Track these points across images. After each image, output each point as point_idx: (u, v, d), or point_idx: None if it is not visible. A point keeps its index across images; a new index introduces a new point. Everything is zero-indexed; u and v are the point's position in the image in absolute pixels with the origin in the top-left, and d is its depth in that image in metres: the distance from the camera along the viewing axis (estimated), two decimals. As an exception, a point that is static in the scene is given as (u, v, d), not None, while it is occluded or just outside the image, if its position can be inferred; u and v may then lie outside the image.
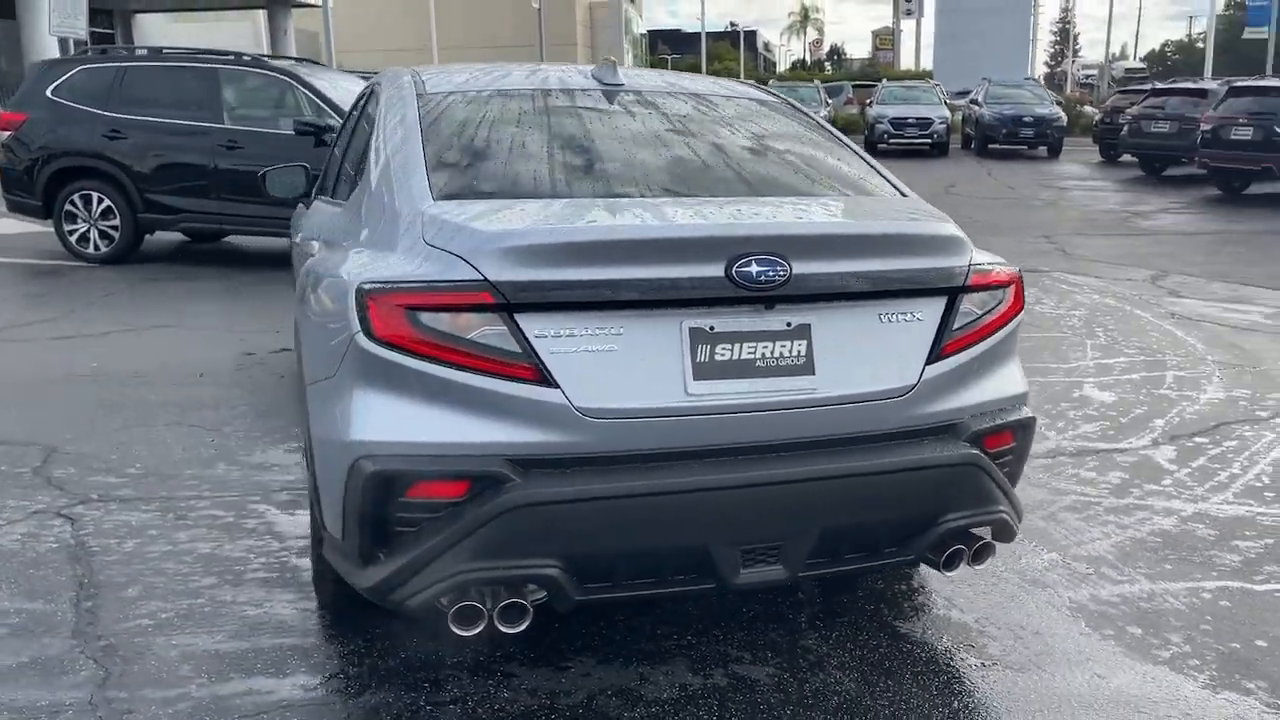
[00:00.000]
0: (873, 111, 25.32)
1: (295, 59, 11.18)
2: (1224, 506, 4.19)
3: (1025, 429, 2.96)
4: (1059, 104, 25.84)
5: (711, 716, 2.75)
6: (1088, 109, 30.62)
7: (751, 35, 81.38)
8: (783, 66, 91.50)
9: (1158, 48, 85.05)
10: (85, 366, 6.29)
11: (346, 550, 2.68)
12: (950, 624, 3.25)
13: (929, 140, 24.36)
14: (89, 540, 3.83)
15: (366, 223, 3.03)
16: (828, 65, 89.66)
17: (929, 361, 2.76)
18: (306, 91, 9.77)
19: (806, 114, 3.77)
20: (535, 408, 2.49)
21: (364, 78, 12.90)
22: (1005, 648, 3.11)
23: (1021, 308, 2.97)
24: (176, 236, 10.97)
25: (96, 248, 10.02)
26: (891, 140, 24.45)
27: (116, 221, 9.98)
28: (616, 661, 3.01)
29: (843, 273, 2.64)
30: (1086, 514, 4.10)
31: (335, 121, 9.54)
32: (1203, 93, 18.28)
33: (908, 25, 57.94)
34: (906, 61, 60.64)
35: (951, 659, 3.05)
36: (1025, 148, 24.24)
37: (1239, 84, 16.89)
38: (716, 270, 2.53)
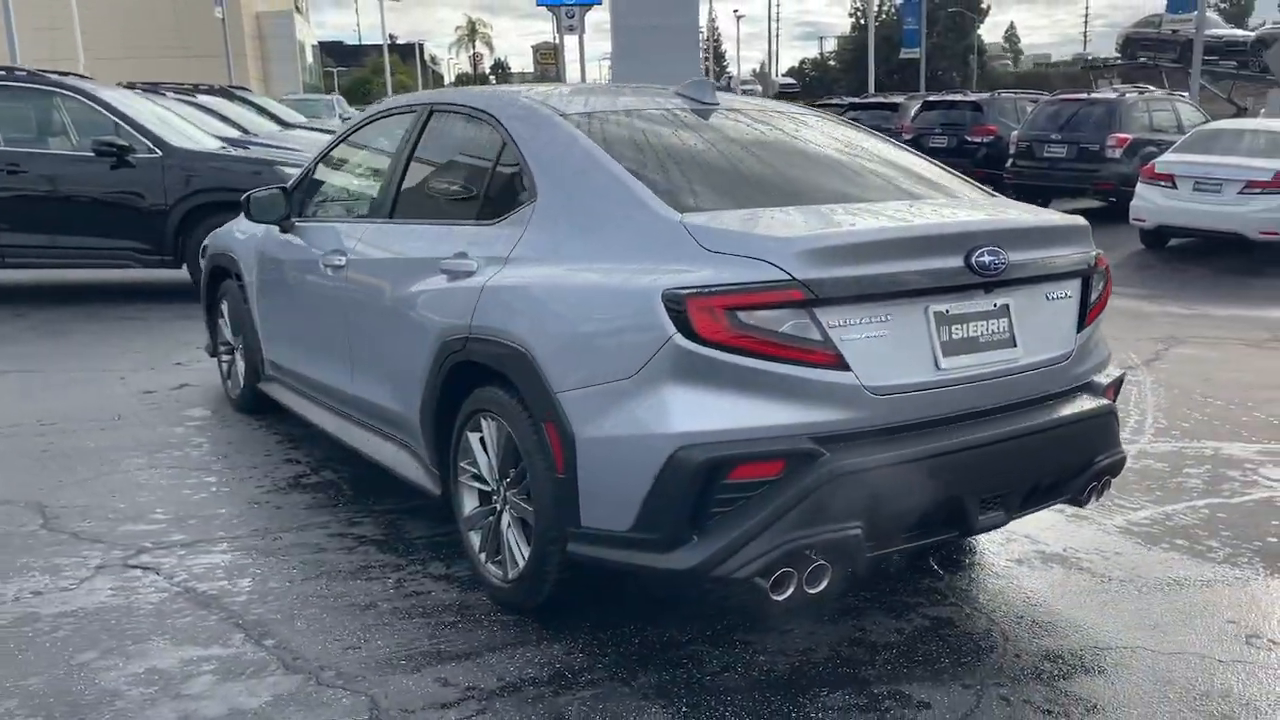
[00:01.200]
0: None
1: (62, 73, 10.22)
2: (1154, 445, 5.13)
3: (1122, 382, 3.62)
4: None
5: (946, 648, 3.19)
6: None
7: (420, 48, 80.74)
8: (449, 79, 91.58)
9: (796, 65, 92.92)
10: (-33, 419, 5.65)
11: (642, 540, 2.87)
12: (1047, 555, 3.86)
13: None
14: (196, 585, 3.64)
15: (577, 236, 3.19)
16: (493, 79, 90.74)
17: (1077, 330, 3.34)
18: (102, 110, 9.04)
19: (868, 129, 4.28)
20: (834, 389, 2.82)
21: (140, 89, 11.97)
22: (1105, 566, 3.76)
23: (1112, 285, 3.62)
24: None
25: None
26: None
27: None
28: (825, 621, 3.36)
29: (1032, 260, 3.17)
30: (1063, 460, 4.88)
31: (139, 141, 8.92)
32: (894, 106, 20.61)
33: (568, 40, 59.81)
34: (572, 76, 62.37)
35: (1074, 579, 3.66)
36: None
37: (931, 99, 19.24)
38: (957, 261, 2.97)
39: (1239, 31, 26.78)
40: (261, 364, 5.35)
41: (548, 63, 73.26)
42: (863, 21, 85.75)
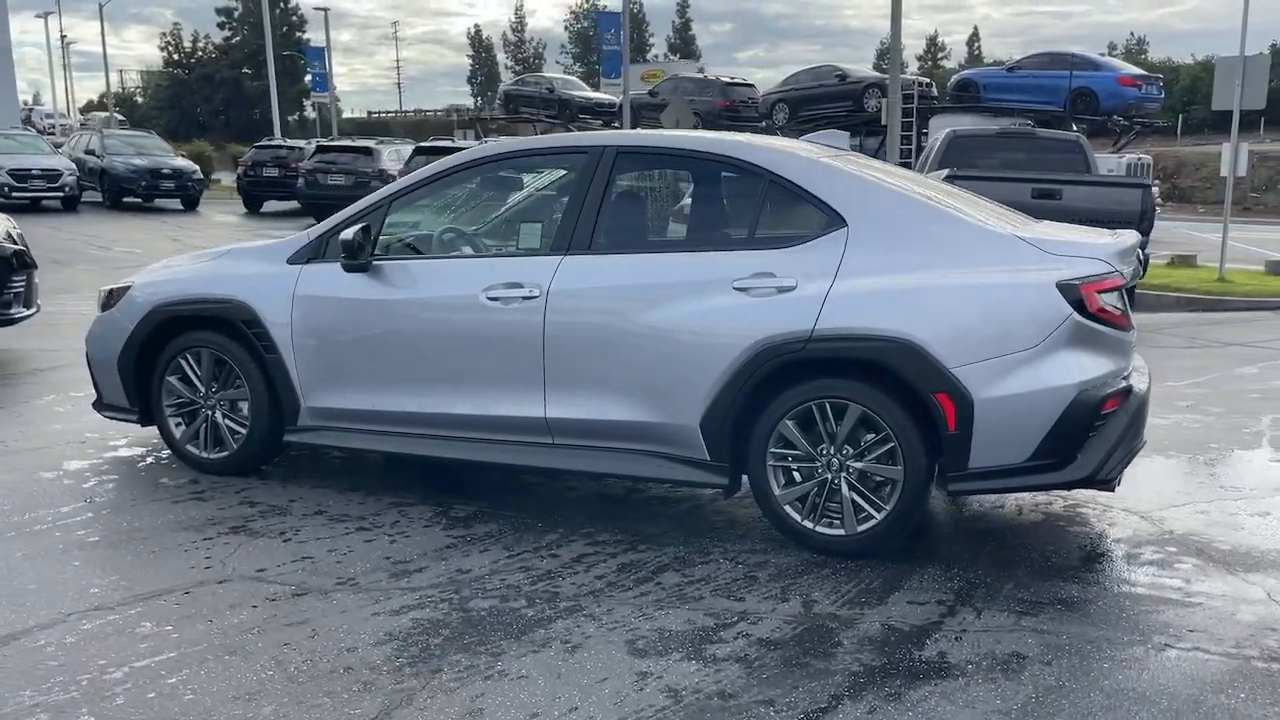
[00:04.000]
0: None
1: None
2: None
3: None
4: (183, 155, 26.45)
5: (1102, 522, 4.70)
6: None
7: None
8: None
9: (94, 98, 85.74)
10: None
11: (1038, 465, 4.01)
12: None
13: (60, 193, 22.99)
14: (514, 600, 3.82)
15: (909, 252, 4.12)
16: None
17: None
18: None
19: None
20: (1126, 344, 4.24)
21: None
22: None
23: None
24: None
25: None
26: (14, 194, 22.54)
27: None
28: (1038, 532, 4.70)
29: (1125, 258, 4.85)
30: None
31: None
32: (368, 150, 21.29)
33: None
34: None
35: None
36: (164, 200, 24.43)
37: (425, 145, 20.32)
38: (1135, 260, 4.54)
39: (606, 96, 31.71)
40: (295, 414, 5.02)
41: None
42: (175, 56, 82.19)
